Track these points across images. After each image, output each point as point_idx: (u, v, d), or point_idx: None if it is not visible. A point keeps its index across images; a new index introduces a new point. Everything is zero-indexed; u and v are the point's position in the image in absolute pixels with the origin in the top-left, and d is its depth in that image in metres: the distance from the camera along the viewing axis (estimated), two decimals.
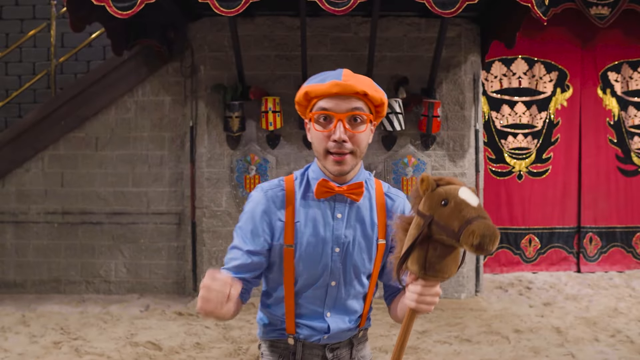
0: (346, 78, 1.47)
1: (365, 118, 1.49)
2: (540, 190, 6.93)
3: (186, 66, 5.92)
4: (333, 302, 1.59)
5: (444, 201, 1.28)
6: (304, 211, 1.55)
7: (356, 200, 1.55)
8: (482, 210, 1.27)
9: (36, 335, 4.66)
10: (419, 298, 1.36)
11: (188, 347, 4.38)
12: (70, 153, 6.09)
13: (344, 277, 1.57)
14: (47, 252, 6.07)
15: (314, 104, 1.52)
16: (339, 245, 1.55)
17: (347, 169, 1.51)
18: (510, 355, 4.20)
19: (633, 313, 5.31)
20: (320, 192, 1.53)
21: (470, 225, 1.23)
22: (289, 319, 1.58)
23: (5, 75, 7.34)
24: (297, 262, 1.54)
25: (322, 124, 1.50)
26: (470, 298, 5.80)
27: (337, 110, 1.47)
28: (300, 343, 1.60)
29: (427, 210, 1.30)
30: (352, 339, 1.65)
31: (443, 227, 1.27)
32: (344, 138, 1.47)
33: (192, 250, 5.89)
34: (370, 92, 1.48)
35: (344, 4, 4.62)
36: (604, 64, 7.01)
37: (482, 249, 1.22)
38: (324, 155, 1.51)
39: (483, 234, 1.21)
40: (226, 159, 5.81)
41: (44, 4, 7.25)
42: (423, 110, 5.65)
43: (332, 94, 1.47)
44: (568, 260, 7.02)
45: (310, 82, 1.53)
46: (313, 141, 1.54)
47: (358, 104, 1.48)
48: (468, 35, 5.87)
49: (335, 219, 1.55)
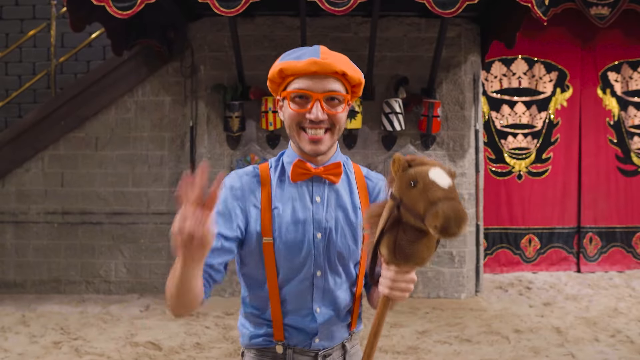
0: (324, 56, 1.40)
1: (343, 99, 1.42)
2: (540, 190, 6.93)
3: (186, 66, 5.92)
4: (321, 295, 1.46)
5: (413, 182, 1.21)
6: (281, 196, 1.45)
7: (334, 182, 1.47)
8: (451, 192, 1.19)
9: (36, 335, 4.66)
10: (393, 284, 1.29)
11: (188, 347, 4.38)
12: (70, 153, 6.09)
13: (329, 265, 1.46)
14: (47, 252, 6.07)
15: (288, 82, 1.43)
16: (320, 231, 1.44)
17: (324, 149, 1.43)
18: (510, 355, 4.20)
19: (633, 313, 5.31)
20: (296, 174, 1.45)
21: (435, 206, 1.16)
22: (276, 320, 1.46)
23: (5, 75, 7.34)
24: (278, 253, 1.42)
25: (299, 103, 1.41)
26: (470, 298, 5.80)
27: (314, 90, 1.39)
28: (290, 350, 1.47)
29: (397, 192, 1.24)
30: (344, 343, 1.54)
31: (410, 209, 1.20)
32: (322, 118, 1.39)
33: None
34: (349, 72, 1.41)
35: (344, 4, 4.63)
36: (604, 64, 7.01)
37: (447, 232, 1.14)
38: (298, 131, 1.43)
39: (447, 215, 1.14)
40: (226, 159, 5.81)
41: (44, 4, 7.25)
42: (423, 110, 5.65)
43: (310, 72, 1.39)
44: (568, 260, 7.02)
45: (285, 59, 1.44)
46: (286, 119, 1.45)
47: (336, 85, 1.41)
48: (468, 35, 5.87)
49: (314, 203, 1.45)
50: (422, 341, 4.49)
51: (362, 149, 5.80)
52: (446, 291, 5.77)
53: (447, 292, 5.76)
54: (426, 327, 4.84)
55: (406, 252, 1.25)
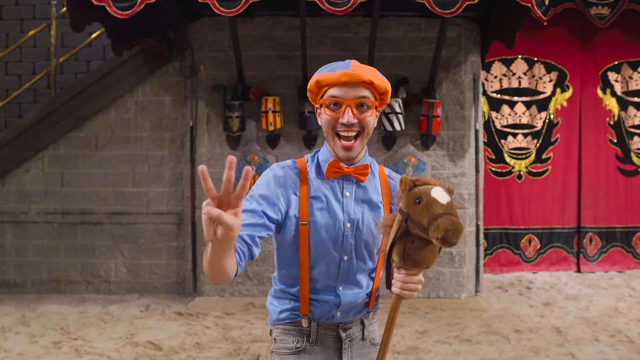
0: (354, 68, 1.61)
1: (371, 104, 1.63)
2: (540, 190, 6.93)
3: (186, 66, 5.93)
4: (345, 276, 1.68)
5: (418, 200, 1.46)
6: (317, 188, 1.67)
7: (362, 181, 1.69)
8: (450, 208, 1.43)
9: (36, 335, 4.66)
10: (403, 285, 1.54)
11: (188, 347, 4.38)
12: (70, 153, 6.09)
13: (356, 252, 1.68)
14: (47, 252, 6.07)
15: (324, 92, 1.65)
16: (349, 221, 1.66)
17: (354, 155, 1.65)
18: (510, 355, 4.20)
19: (633, 313, 5.31)
20: (330, 172, 1.67)
21: (436, 221, 1.40)
22: (303, 297, 1.66)
23: (5, 75, 7.34)
24: (312, 238, 1.64)
25: (332, 109, 1.63)
26: (470, 298, 5.80)
27: (345, 97, 1.61)
28: (314, 323, 1.68)
29: (404, 208, 1.49)
30: (363, 319, 1.75)
31: (416, 223, 1.45)
32: (352, 121, 1.60)
33: (192, 250, 5.89)
34: (376, 81, 1.62)
35: (344, 4, 4.63)
36: (604, 64, 7.01)
37: (447, 241, 1.39)
38: (333, 136, 1.64)
39: (446, 228, 1.38)
40: (226, 159, 5.81)
41: (44, 4, 7.25)
42: (423, 110, 5.65)
43: (342, 82, 1.61)
44: (568, 260, 7.03)
45: (321, 72, 1.66)
46: (323, 124, 1.67)
47: (365, 92, 1.62)
48: (468, 35, 5.87)
49: (344, 197, 1.68)
50: (422, 341, 4.49)
51: None
52: (446, 291, 5.77)
53: (447, 292, 5.76)
54: (426, 327, 4.84)
55: (414, 258, 1.50)
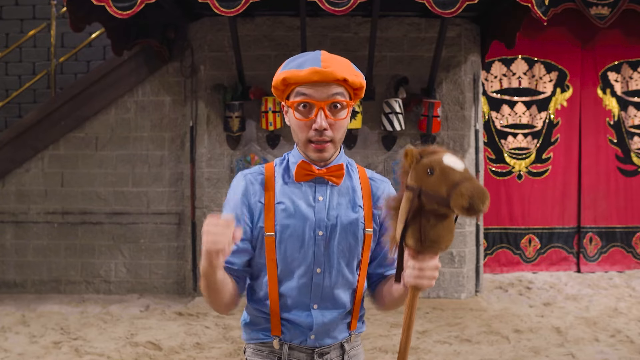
0: (325, 64, 1.44)
1: (346, 104, 1.47)
2: (540, 190, 6.93)
3: (186, 66, 5.92)
4: (320, 292, 1.50)
5: (430, 170, 1.29)
6: (284, 194, 1.51)
7: (336, 184, 1.52)
8: (468, 173, 1.27)
9: (36, 335, 4.66)
10: (420, 273, 1.33)
11: (188, 347, 4.38)
12: (70, 153, 6.09)
13: (329, 262, 1.50)
14: (47, 252, 6.07)
15: (292, 90, 1.48)
16: (321, 229, 1.49)
17: (328, 156, 1.49)
18: (510, 355, 4.20)
19: (633, 313, 5.31)
20: (299, 175, 1.50)
21: (458, 187, 1.23)
22: (274, 316, 1.50)
23: (5, 75, 7.34)
24: (279, 248, 1.49)
25: (302, 112, 1.46)
26: (470, 298, 5.80)
27: (317, 98, 1.44)
28: (286, 345, 1.51)
29: (414, 183, 1.31)
30: (343, 343, 1.56)
31: (432, 196, 1.26)
32: (325, 126, 1.45)
33: (192, 250, 5.89)
34: (350, 78, 1.45)
35: (344, 4, 4.62)
36: (604, 64, 7.01)
37: (473, 209, 1.21)
38: (305, 143, 1.49)
39: (472, 194, 1.21)
40: (226, 159, 5.81)
41: (44, 4, 7.25)
42: (423, 110, 5.65)
43: (312, 81, 1.43)
44: (568, 260, 7.03)
45: (287, 67, 1.48)
46: (293, 128, 1.51)
47: (338, 90, 1.46)
48: (468, 35, 5.87)
49: (316, 202, 1.51)
50: (422, 341, 4.49)
51: (362, 149, 5.80)
52: (446, 291, 5.76)
53: (447, 292, 5.76)
54: (426, 327, 4.84)
55: (431, 238, 1.30)
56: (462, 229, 5.79)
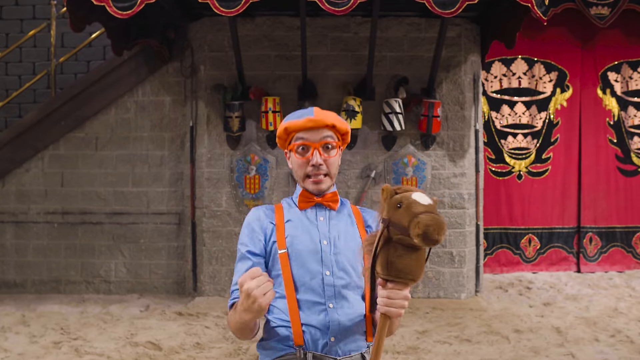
0: (317, 114, 1.79)
1: (335, 145, 1.81)
2: (540, 190, 6.93)
3: (186, 66, 5.92)
4: (332, 292, 1.69)
5: (399, 204, 1.42)
6: (292, 217, 1.80)
7: (333, 208, 1.82)
8: (432, 208, 1.40)
9: (36, 335, 4.66)
10: (388, 302, 1.47)
11: (188, 347, 4.38)
12: (70, 153, 6.09)
13: (337, 265, 1.72)
14: (47, 252, 6.07)
15: (292, 137, 1.80)
16: (326, 238, 1.75)
17: (324, 188, 1.80)
18: (510, 355, 4.20)
19: (633, 313, 5.31)
20: (302, 202, 1.81)
21: (416, 218, 1.35)
22: (294, 322, 1.65)
23: (5, 75, 7.34)
24: (292, 259, 1.71)
25: (301, 153, 1.78)
26: (470, 298, 5.80)
27: (312, 140, 1.77)
28: (310, 354, 1.64)
29: (386, 215, 1.46)
30: (364, 354, 1.70)
31: (397, 226, 1.40)
32: (320, 162, 1.76)
33: (192, 250, 5.89)
34: (337, 124, 1.80)
35: (344, 4, 4.62)
36: (604, 64, 7.01)
37: (428, 238, 1.33)
38: (304, 178, 1.79)
39: (427, 224, 1.33)
40: (226, 159, 5.81)
41: (44, 4, 7.26)
42: (423, 110, 5.65)
43: (307, 127, 1.77)
44: (568, 260, 7.03)
45: (288, 120, 1.82)
46: (294, 168, 1.82)
47: (328, 133, 1.79)
48: (468, 35, 5.87)
49: (318, 220, 1.80)
50: (422, 341, 4.49)
51: (362, 149, 5.80)
52: (446, 291, 5.77)
53: (447, 292, 5.76)
54: (426, 327, 4.84)
55: (398, 267, 1.43)
56: (462, 229, 5.79)
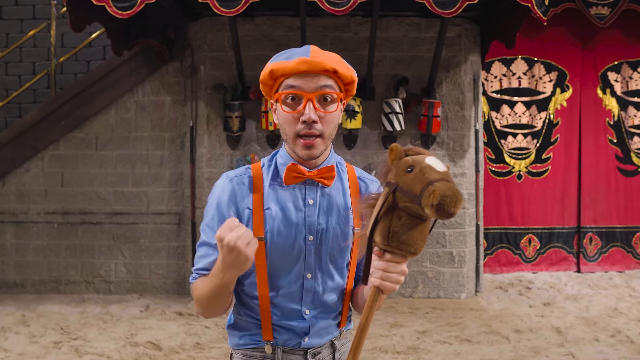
0: (314, 55, 1.39)
1: (336, 97, 1.41)
2: (540, 190, 6.93)
3: (186, 66, 5.92)
4: (311, 298, 1.47)
5: (410, 168, 1.24)
6: (273, 198, 1.44)
7: (327, 185, 1.46)
8: (447, 175, 1.21)
9: (36, 335, 4.66)
10: (383, 274, 1.26)
11: (188, 347, 4.38)
12: (70, 153, 6.09)
13: (320, 267, 1.46)
14: (47, 252, 6.07)
15: (280, 83, 1.42)
16: (312, 233, 1.45)
17: (317, 154, 1.42)
18: (510, 355, 4.20)
19: (633, 313, 5.31)
20: (289, 178, 1.44)
21: (431, 185, 1.17)
22: (265, 321, 1.46)
23: (5, 75, 7.34)
24: (269, 254, 1.43)
25: (290, 105, 1.40)
26: (470, 298, 5.80)
27: (305, 89, 1.38)
28: (279, 349, 1.47)
29: (393, 179, 1.26)
30: (333, 341, 1.54)
31: (406, 192, 1.21)
32: (314, 118, 1.38)
33: (192, 250, 5.89)
34: (340, 70, 1.40)
35: (344, 4, 4.63)
36: (604, 64, 7.01)
37: (443, 210, 1.15)
38: (294, 138, 1.41)
39: (444, 194, 1.15)
40: (226, 159, 5.81)
41: (44, 4, 7.26)
42: (423, 110, 5.65)
43: (300, 71, 1.38)
44: (568, 260, 7.03)
45: (276, 60, 1.43)
46: (280, 123, 1.44)
47: (328, 82, 1.39)
48: (468, 35, 5.87)
49: (306, 205, 1.45)
50: (422, 341, 4.49)
51: (362, 149, 5.80)
52: (446, 291, 5.77)
53: (447, 292, 5.76)
54: (426, 327, 4.84)
55: (400, 238, 1.24)
56: (462, 229, 5.79)
